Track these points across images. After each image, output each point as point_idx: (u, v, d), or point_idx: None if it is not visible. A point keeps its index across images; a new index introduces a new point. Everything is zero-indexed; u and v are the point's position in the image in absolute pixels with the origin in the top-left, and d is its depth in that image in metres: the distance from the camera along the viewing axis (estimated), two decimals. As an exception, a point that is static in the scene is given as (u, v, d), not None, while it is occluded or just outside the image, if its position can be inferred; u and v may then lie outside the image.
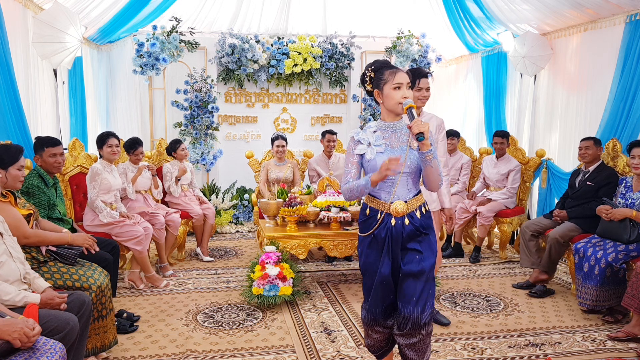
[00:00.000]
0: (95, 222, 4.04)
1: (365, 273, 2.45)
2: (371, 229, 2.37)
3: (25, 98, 4.27)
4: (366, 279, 2.45)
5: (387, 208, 2.34)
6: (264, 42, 6.82)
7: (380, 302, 2.42)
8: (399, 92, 2.28)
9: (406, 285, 2.33)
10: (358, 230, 2.48)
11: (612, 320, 3.60)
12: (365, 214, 2.42)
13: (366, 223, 2.41)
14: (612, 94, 4.55)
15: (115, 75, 6.57)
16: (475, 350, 3.17)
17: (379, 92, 2.34)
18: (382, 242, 2.37)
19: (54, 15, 4.43)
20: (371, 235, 2.38)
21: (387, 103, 2.33)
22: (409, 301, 2.33)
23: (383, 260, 2.36)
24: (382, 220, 2.35)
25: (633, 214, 3.54)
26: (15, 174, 2.80)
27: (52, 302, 2.39)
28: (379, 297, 2.41)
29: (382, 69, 2.34)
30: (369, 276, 2.42)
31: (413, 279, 2.33)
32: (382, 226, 2.35)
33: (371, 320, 2.46)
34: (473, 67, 7.06)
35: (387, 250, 2.36)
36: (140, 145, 4.68)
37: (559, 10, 5.01)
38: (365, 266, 2.43)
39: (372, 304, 2.42)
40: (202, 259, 5.17)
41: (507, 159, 5.29)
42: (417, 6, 6.68)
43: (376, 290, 2.40)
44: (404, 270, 2.33)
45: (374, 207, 2.38)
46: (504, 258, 5.22)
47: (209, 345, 3.21)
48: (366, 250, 2.41)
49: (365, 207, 2.42)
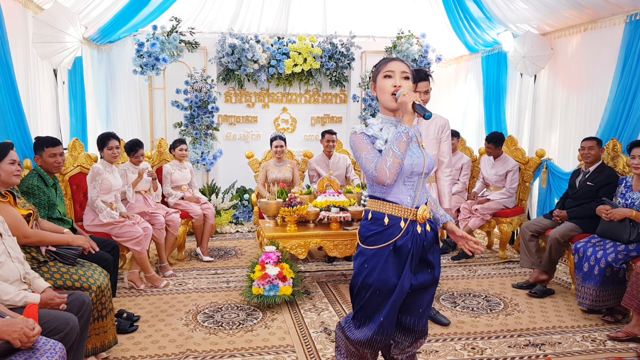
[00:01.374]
0: (95, 222, 4.04)
1: (376, 291, 2.09)
2: (392, 239, 2.07)
3: (25, 98, 4.26)
4: (375, 297, 2.10)
5: (413, 214, 2.09)
6: (264, 42, 6.82)
7: (393, 321, 2.14)
8: (389, 81, 2.09)
9: (415, 297, 2.18)
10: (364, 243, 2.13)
11: (612, 320, 3.60)
12: (384, 224, 2.09)
13: (384, 234, 2.08)
14: (612, 94, 4.55)
15: (115, 75, 6.57)
16: (475, 350, 3.17)
17: (374, 85, 2.17)
18: (406, 253, 2.09)
19: (54, 15, 4.43)
20: (390, 247, 2.08)
21: (380, 95, 2.13)
22: (417, 313, 2.20)
23: (405, 274, 2.09)
24: (406, 228, 2.08)
25: (633, 214, 3.54)
26: (8, 168, 2.76)
27: (52, 302, 2.39)
28: (394, 316, 2.13)
29: (381, 61, 2.18)
30: (380, 294, 2.08)
31: (424, 291, 2.18)
32: (408, 235, 2.09)
33: (378, 342, 2.14)
34: (473, 67, 7.06)
35: (410, 262, 2.10)
36: (140, 148, 4.68)
37: (559, 10, 5.01)
38: (378, 284, 2.08)
39: (385, 325, 2.11)
40: (202, 259, 5.17)
41: (504, 159, 5.28)
42: (417, 6, 6.68)
43: (393, 308, 2.10)
44: (416, 284, 2.14)
45: (394, 214, 2.09)
46: (503, 258, 5.22)
47: (209, 345, 3.21)
48: (381, 266, 2.08)
49: (382, 216, 2.10)
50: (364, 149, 2.07)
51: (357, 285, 2.15)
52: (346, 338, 2.22)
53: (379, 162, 2.01)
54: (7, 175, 2.76)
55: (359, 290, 2.15)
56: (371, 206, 2.16)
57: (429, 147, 3.33)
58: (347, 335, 2.21)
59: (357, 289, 2.16)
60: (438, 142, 3.37)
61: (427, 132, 3.33)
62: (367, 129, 2.12)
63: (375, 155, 2.05)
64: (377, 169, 2.01)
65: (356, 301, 2.18)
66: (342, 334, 2.26)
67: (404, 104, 2.04)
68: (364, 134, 2.12)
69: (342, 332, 2.25)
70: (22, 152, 3.96)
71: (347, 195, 4.60)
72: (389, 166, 1.98)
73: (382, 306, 2.11)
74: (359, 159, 2.09)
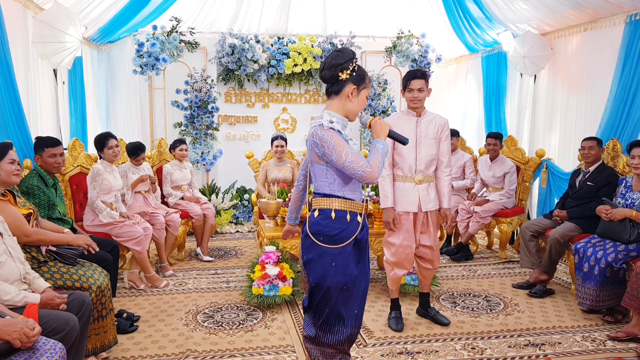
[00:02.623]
0: (95, 222, 4.04)
1: (343, 287, 2.19)
2: (354, 234, 2.20)
3: (25, 98, 4.26)
4: (344, 294, 2.20)
5: (365, 209, 2.27)
6: (264, 42, 6.82)
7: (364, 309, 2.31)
8: (365, 102, 2.28)
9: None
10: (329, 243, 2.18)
11: (612, 320, 3.60)
12: (347, 221, 2.20)
13: (348, 230, 2.20)
14: (612, 94, 4.54)
15: (115, 75, 6.56)
16: (475, 350, 3.17)
17: (355, 90, 2.21)
18: (364, 245, 2.27)
19: (54, 15, 4.43)
20: (352, 242, 2.20)
21: (356, 105, 2.24)
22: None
23: (366, 264, 2.29)
24: (362, 222, 2.25)
25: (633, 214, 3.54)
26: (8, 168, 2.75)
27: (52, 303, 2.39)
28: (364, 304, 2.31)
29: (365, 74, 2.25)
30: (346, 289, 2.20)
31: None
32: (364, 229, 2.27)
33: (357, 334, 2.30)
34: (473, 67, 7.06)
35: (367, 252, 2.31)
36: (142, 152, 4.70)
37: (559, 10, 5.01)
38: (346, 280, 2.19)
39: (359, 315, 2.28)
40: (202, 259, 5.17)
41: (501, 160, 5.28)
42: (417, 6, 6.68)
43: (364, 298, 2.29)
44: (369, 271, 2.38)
45: (353, 210, 2.22)
46: (503, 258, 5.22)
47: (209, 345, 3.21)
48: (346, 262, 2.19)
49: (344, 214, 2.20)
50: (345, 145, 2.12)
51: (324, 286, 2.18)
52: (323, 345, 2.26)
53: (372, 160, 2.13)
54: (7, 174, 2.75)
55: (327, 291, 2.18)
56: (330, 204, 2.21)
57: (428, 147, 3.34)
58: (323, 342, 2.25)
59: (325, 291, 2.19)
60: (437, 141, 3.36)
61: (427, 132, 3.33)
62: (333, 125, 2.17)
63: (359, 155, 2.12)
64: (372, 165, 2.10)
65: (321, 303, 2.21)
66: (314, 345, 2.29)
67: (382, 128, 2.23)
68: (334, 130, 2.16)
69: (315, 342, 2.28)
70: (22, 152, 3.96)
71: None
72: (380, 166, 2.15)
73: (353, 299, 2.22)
74: (339, 155, 2.09)
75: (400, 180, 3.37)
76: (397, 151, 3.34)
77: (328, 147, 2.11)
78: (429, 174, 3.39)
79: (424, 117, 3.36)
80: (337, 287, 2.18)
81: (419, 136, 3.32)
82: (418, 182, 3.35)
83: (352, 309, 2.23)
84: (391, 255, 3.43)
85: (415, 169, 3.34)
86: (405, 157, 3.32)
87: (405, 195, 3.34)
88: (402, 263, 3.42)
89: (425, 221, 3.40)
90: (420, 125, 3.34)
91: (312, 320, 2.27)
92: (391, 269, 3.47)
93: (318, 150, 2.16)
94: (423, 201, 3.34)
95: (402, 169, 3.35)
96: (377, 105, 6.97)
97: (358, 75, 2.20)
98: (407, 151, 3.31)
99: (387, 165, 3.36)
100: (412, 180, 3.35)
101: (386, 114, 6.99)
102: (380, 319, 3.66)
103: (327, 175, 2.20)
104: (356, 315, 2.25)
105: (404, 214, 3.35)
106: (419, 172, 3.35)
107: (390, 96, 7.04)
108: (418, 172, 3.34)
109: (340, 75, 2.18)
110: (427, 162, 3.35)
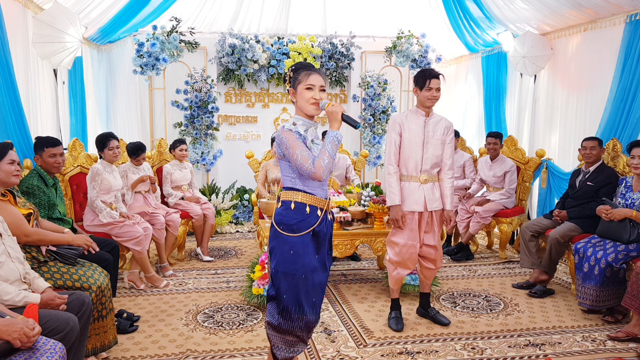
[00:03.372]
0: (95, 222, 4.04)
1: (302, 276, 2.34)
2: (312, 226, 2.36)
3: (25, 98, 4.26)
4: (303, 282, 2.34)
5: (326, 205, 2.41)
6: (264, 42, 6.82)
7: (322, 299, 2.47)
8: (309, 93, 2.35)
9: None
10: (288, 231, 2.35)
11: (612, 320, 3.60)
12: (305, 212, 2.36)
13: (306, 221, 2.36)
14: (612, 94, 4.54)
15: (115, 75, 6.56)
16: (475, 350, 3.17)
17: (293, 90, 2.40)
18: (323, 238, 2.42)
19: (54, 15, 4.43)
20: (310, 233, 2.36)
21: (300, 101, 2.38)
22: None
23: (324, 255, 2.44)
24: (322, 216, 2.39)
25: (633, 214, 3.54)
26: (7, 168, 2.75)
27: (52, 303, 2.39)
28: (323, 294, 2.46)
29: (300, 69, 2.40)
30: (306, 278, 2.34)
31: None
32: (323, 223, 2.40)
33: (316, 321, 2.46)
34: (473, 67, 7.06)
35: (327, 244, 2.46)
36: (143, 152, 4.70)
37: (559, 10, 5.01)
38: (305, 268, 2.34)
39: (318, 303, 2.44)
40: (202, 259, 5.17)
41: (501, 160, 5.28)
42: (417, 6, 6.68)
43: (322, 287, 2.44)
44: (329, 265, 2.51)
45: (313, 204, 2.38)
46: (503, 258, 5.22)
47: (209, 345, 3.21)
48: (305, 251, 2.34)
49: (304, 206, 2.37)
50: (299, 146, 2.29)
51: (280, 271, 2.35)
52: (284, 332, 2.41)
53: (317, 160, 2.26)
54: (6, 175, 2.75)
55: (284, 277, 2.35)
56: (292, 197, 2.38)
57: (434, 148, 3.35)
58: (284, 329, 2.40)
59: (282, 276, 2.35)
60: (443, 143, 3.39)
61: (434, 133, 3.35)
62: (296, 127, 2.36)
63: (310, 154, 2.29)
64: (315, 166, 2.25)
65: (281, 289, 2.37)
66: (276, 331, 2.43)
67: (334, 113, 2.35)
68: (294, 131, 2.34)
69: (276, 329, 2.42)
70: (22, 152, 3.96)
71: (347, 195, 4.60)
72: (326, 164, 2.26)
73: (310, 288, 2.37)
74: (292, 155, 2.28)
75: (405, 180, 3.38)
76: (404, 150, 3.35)
77: (285, 148, 2.32)
78: (434, 174, 3.41)
79: (431, 118, 3.38)
80: (294, 274, 2.34)
81: (426, 136, 3.34)
82: (423, 181, 3.36)
83: (310, 297, 2.38)
84: (395, 255, 3.43)
85: (421, 168, 3.35)
86: (412, 156, 3.33)
87: (411, 194, 3.35)
88: (406, 263, 3.42)
89: (430, 220, 3.41)
90: (428, 125, 3.35)
91: (275, 308, 2.41)
92: (394, 269, 3.47)
93: (280, 150, 2.37)
94: (429, 200, 3.35)
95: (408, 168, 3.36)
96: (377, 105, 6.97)
97: (293, 79, 2.41)
98: (415, 151, 3.33)
99: (394, 162, 3.37)
100: (418, 179, 3.36)
101: (386, 114, 6.99)
102: (381, 319, 3.66)
103: (289, 171, 2.40)
104: (314, 304, 2.41)
105: (409, 213, 3.36)
106: (424, 172, 3.36)
107: (390, 96, 7.03)
108: (423, 171, 3.36)
109: (287, 87, 2.45)
110: (432, 162, 3.37)
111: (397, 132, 3.36)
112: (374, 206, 4.13)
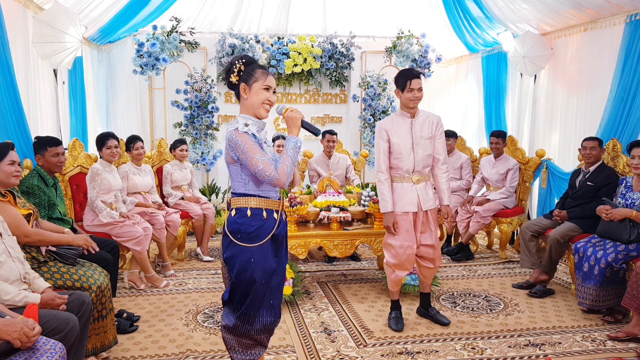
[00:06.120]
0: (95, 222, 4.04)
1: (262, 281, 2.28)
2: (271, 231, 2.29)
3: (25, 98, 4.26)
4: (262, 286, 2.29)
5: (281, 205, 2.37)
6: (264, 42, 6.82)
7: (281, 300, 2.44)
8: (266, 94, 2.28)
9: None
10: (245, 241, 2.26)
11: (612, 320, 3.60)
12: (263, 217, 2.29)
13: (265, 227, 2.29)
14: (612, 94, 4.54)
15: (115, 75, 6.57)
16: (475, 350, 3.17)
17: (246, 87, 2.28)
18: (281, 239, 2.39)
19: (54, 15, 4.43)
20: (269, 238, 2.30)
21: (253, 100, 2.28)
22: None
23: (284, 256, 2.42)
24: (279, 218, 2.35)
25: (633, 214, 3.54)
26: (7, 169, 2.75)
27: (52, 303, 2.39)
28: (281, 295, 2.44)
29: (253, 65, 2.30)
30: (265, 282, 2.30)
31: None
32: (281, 225, 2.36)
33: (275, 323, 2.41)
34: (473, 67, 7.06)
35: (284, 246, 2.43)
36: (138, 141, 4.69)
37: (559, 10, 5.01)
38: (264, 274, 2.28)
39: (276, 305, 2.39)
40: (202, 259, 5.17)
41: (505, 158, 5.29)
42: (417, 6, 6.68)
43: (280, 289, 2.41)
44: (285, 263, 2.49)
45: (269, 208, 2.31)
46: (503, 258, 5.22)
47: (209, 345, 3.21)
48: (264, 256, 2.29)
49: (260, 211, 2.29)
50: (257, 150, 2.20)
51: (242, 281, 2.29)
52: (240, 335, 2.36)
53: (280, 167, 2.20)
54: (6, 175, 2.75)
55: (245, 285, 2.29)
56: (246, 203, 2.30)
57: (423, 148, 3.33)
58: (241, 332, 2.35)
59: (243, 285, 2.29)
60: (432, 141, 3.37)
61: (422, 133, 3.33)
62: (249, 129, 2.25)
63: (271, 160, 2.21)
64: (279, 173, 2.18)
65: (243, 296, 2.31)
66: (232, 334, 2.37)
67: (294, 119, 2.32)
68: (249, 134, 2.24)
69: (233, 332, 2.37)
70: (22, 152, 3.96)
71: (347, 195, 4.60)
72: (289, 171, 2.21)
73: (269, 291, 2.33)
74: (251, 160, 2.18)
75: (397, 181, 3.37)
76: (395, 155, 3.34)
77: (242, 152, 2.21)
78: (426, 173, 3.41)
79: (417, 118, 3.36)
80: (256, 281, 2.28)
81: (414, 138, 3.32)
82: (416, 181, 3.35)
83: (268, 299, 2.35)
84: (392, 257, 3.42)
85: (413, 169, 3.35)
86: (403, 160, 3.32)
87: (404, 195, 3.34)
88: (404, 264, 3.41)
89: (426, 220, 3.41)
90: (415, 127, 3.34)
91: (232, 311, 2.37)
92: (392, 271, 3.46)
93: (233, 154, 2.26)
94: (422, 200, 3.35)
95: (399, 170, 3.36)
96: (377, 105, 6.97)
97: (246, 73, 2.28)
98: (405, 154, 3.31)
99: (385, 169, 3.35)
100: (410, 180, 3.35)
101: (386, 114, 6.98)
102: (381, 319, 3.66)
103: (241, 176, 2.31)
104: (272, 305, 2.37)
105: (403, 214, 3.35)
106: (416, 172, 3.36)
107: (390, 96, 7.03)
108: (415, 172, 3.35)
109: (232, 79, 2.30)
110: (423, 163, 3.37)
111: (384, 139, 3.34)
112: (374, 206, 4.12)
